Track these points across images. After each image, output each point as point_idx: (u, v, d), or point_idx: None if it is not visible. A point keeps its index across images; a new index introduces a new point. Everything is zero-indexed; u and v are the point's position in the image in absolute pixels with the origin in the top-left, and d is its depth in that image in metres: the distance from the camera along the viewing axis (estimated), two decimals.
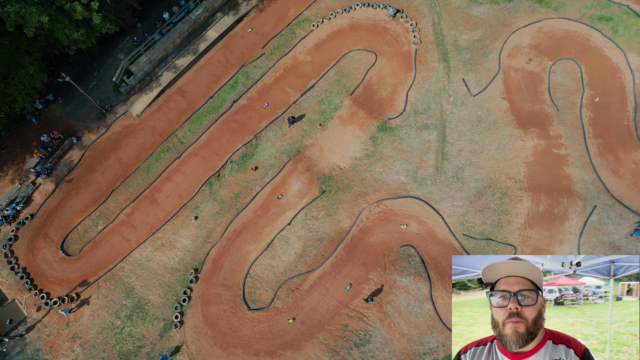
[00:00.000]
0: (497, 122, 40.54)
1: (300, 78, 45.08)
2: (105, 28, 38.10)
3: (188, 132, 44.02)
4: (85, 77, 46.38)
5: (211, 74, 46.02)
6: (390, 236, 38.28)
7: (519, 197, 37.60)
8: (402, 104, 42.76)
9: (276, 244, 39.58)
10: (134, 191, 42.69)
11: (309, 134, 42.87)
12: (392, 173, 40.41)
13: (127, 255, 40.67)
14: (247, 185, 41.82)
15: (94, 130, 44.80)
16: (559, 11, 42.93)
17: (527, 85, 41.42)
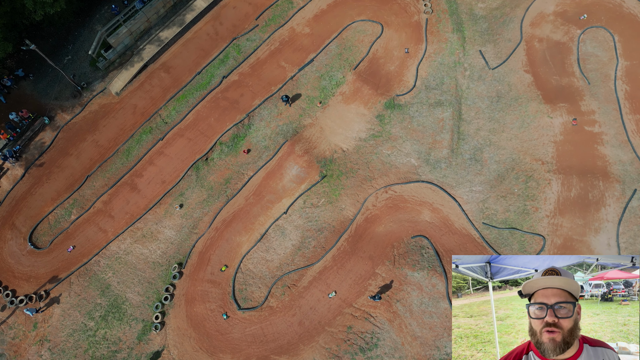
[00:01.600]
0: (519, 97, 35.93)
1: (298, 52, 40.50)
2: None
3: (173, 112, 39.43)
4: (59, 52, 41.81)
5: (199, 47, 41.42)
6: (400, 226, 33.70)
7: (547, 180, 32.99)
8: (412, 79, 38.18)
9: (271, 235, 35.02)
10: (112, 176, 38.11)
11: (307, 112, 38.28)
12: (402, 155, 35.82)
13: (104, 248, 36.08)
14: (238, 169, 37.24)
15: (68, 110, 40.20)
16: None
17: (553, 56, 36.83)
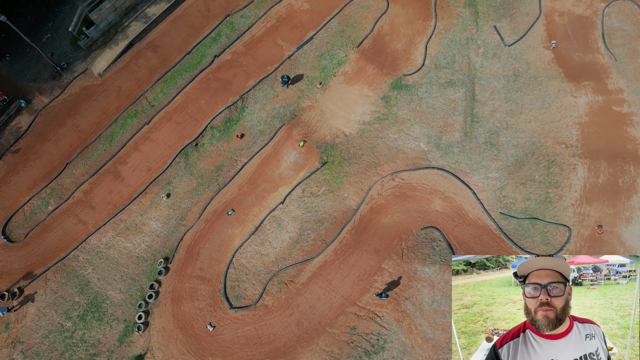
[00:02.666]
0: (539, 76, 32.74)
1: (296, 29, 37.31)
2: None
3: (160, 94, 36.24)
4: (38, 30, 38.64)
5: (189, 25, 38.25)
6: (409, 216, 30.53)
7: (571, 165, 29.80)
8: (421, 58, 34.98)
9: (266, 226, 31.85)
10: (93, 164, 34.94)
11: (306, 94, 35.09)
12: (410, 139, 32.63)
13: (83, 241, 32.95)
14: (230, 156, 34.07)
15: (47, 92, 37.04)
16: None
17: (576, 31, 33.64)
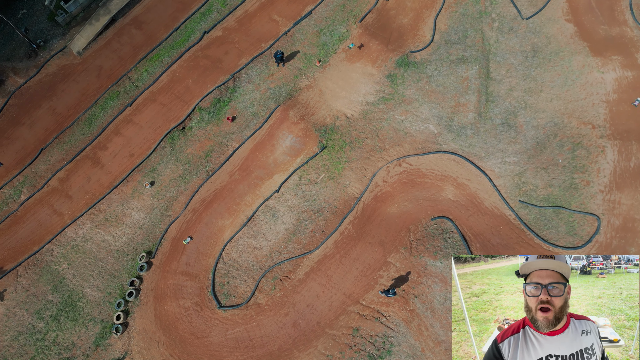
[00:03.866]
0: (561, 50, 29.67)
1: (293, 3, 34.25)
2: None
3: (145, 73, 33.18)
4: (13, 5, 35.60)
5: (177, 0, 35.21)
6: (417, 205, 27.48)
7: (599, 147, 26.74)
8: (430, 33, 31.93)
9: (259, 217, 28.82)
10: (70, 149, 31.91)
11: (304, 73, 32.02)
12: (418, 121, 29.58)
13: (58, 234, 29.93)
14: (221, 140, 31.01)
15: (21, 72, 33.97)
16: None
17: (600, 2, 30.57)
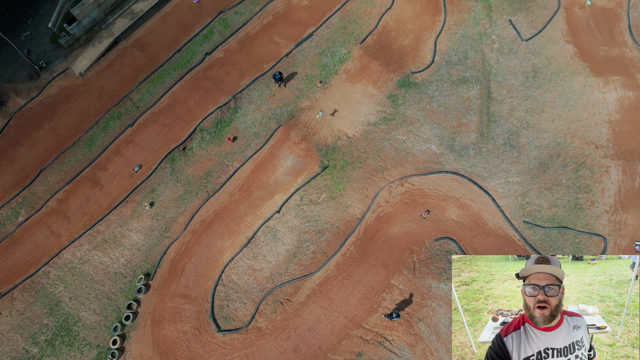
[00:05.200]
0: (561, 71, 29.77)
1: (295, 25, 34.54)
2: None
3: (146, 94, 33.20)
4: (17, 27, 35.87)
5: (179, 22, 35.50)
6: (420, 225, 27.10)
7: (603, 167, 26.54)
8: (430, 54, 32.11)
9: (260, 238, 28.40)
10: (70, 170, 31.66)
11: (305, 93, 32.06)
12: (420, 141, 29.45)
13: (55, 255, 29.42)
14: (221, 160, 30.82)
15: (23, 93, 34.01)
16: None
17: (599, 24, 30.85)
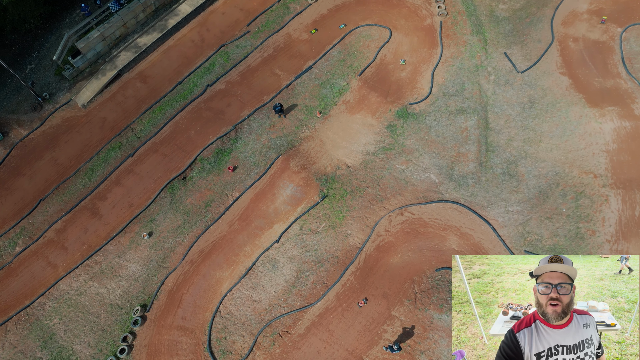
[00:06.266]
0: (557, 102, 30.21)
1: (295, 58, 35.29)
2: None
3: (147, 125, 33.57)
4: (22, 60, 36.62)
5: (182, 55, 36.28)
6: (421, 255, 26.87)
7: (603, 197, 26.54)
8: (427, 86, 32.66)
9: (259, 268, 28.09)
10: (69, 200, 31.64)
11: (305, 124, 32.42)
12: (419, 170, 29.58)
13: (51, 286, 29.04)
14: (221, 190, 30.85)
15: (25, 124, 34.39)
16: None
17: (593, 56, 31.52)
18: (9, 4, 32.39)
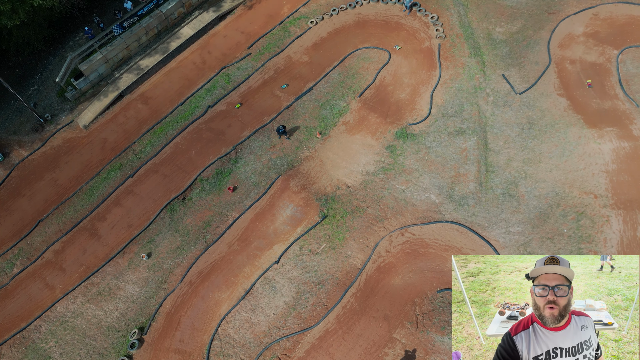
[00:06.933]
0: (556, 123, 30.37)
1: (295, 80, 35.66)
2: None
3: (148, 145, 33.70)
4: (25, 82, 37.02)
5: (183, 77, 36.68)
6: (422, 276, 26.61)
7: (604, 217, 26.43)
8: (427, 107, 32.91)
9: (258, 290, 27.80)
10: (68, 221, 31.53)
11: (305, 144, 32.55)
12: (419, 191, 29.55)
13: (48, 309, 28.71)
14: (221, 210, 30.78)
15: (26, 145, 34.52)
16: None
17: (590, 78, 31.78)
18: (13, 28, 32.91)
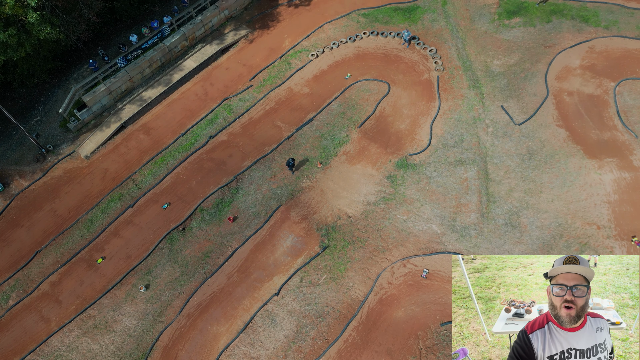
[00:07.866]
0: (556, 153, 30.50)
1: (296, 111, 36.02)
2: (45, 33, 29.70)
3: (149, 176, 33.70)
4: (28, 113, 37.33)
5: (185, 108, 37.05)
6: (425, 309, 26.12)
7: (608, 248, 26.18)
8: (427, 137, 33.11)
9: (257, 323, 27.23)
10: (67, 252, 31.18)
11: (306, 174, 32.57)
12: (421, 221, 29.37)
13: (42, 342, 28.02)
14: (220, 241, 30.50)
15: (27, 175, 34.50)
16: (612, 29, 35.18)
17: (589, 109, 32.15)
18: (19, 60, 33.44)
